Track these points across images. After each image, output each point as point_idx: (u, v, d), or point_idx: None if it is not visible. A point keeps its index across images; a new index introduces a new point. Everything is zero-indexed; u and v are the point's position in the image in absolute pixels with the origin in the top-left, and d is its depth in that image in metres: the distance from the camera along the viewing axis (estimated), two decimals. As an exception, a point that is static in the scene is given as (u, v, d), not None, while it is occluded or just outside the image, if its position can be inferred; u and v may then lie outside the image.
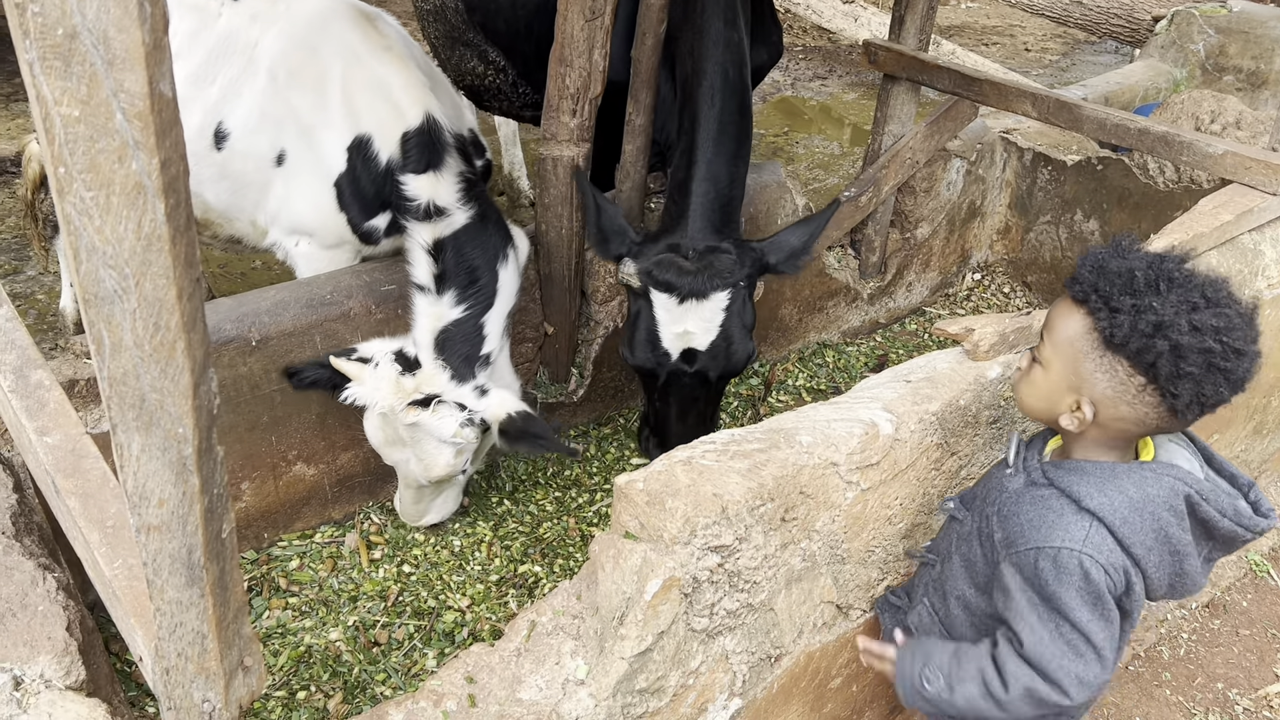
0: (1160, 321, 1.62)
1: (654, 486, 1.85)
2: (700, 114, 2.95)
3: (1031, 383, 1.84)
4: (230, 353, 2.72)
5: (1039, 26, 10.01)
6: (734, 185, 2.99)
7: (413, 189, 2.73)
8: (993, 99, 3.60)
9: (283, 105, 2.88)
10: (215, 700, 1.34)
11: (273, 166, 2.92)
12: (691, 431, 3.06)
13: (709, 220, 2.88)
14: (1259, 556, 3.55)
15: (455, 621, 2.85)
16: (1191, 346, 1.61)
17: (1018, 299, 4.75)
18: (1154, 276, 1.67)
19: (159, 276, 1.03)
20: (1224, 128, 4.22)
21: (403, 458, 2.85)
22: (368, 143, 2.79)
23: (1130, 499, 1.73)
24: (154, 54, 0.93)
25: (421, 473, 2.84)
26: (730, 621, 1.94)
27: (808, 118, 7.39)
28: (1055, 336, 1.79)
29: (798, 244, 2.91)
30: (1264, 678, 3.13)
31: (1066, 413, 1.77)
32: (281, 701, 2.59)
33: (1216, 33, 5.65)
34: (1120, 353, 1.67)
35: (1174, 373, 1.62)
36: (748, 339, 2.89)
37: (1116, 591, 1.74)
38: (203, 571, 1.22)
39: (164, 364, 1.07)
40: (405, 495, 3.04)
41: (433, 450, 2.77)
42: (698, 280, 2.76)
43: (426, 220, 2.73)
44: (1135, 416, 1.71)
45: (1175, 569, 1.78)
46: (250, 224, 3.10)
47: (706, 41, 2.97)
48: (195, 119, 2.93)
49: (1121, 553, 1.73)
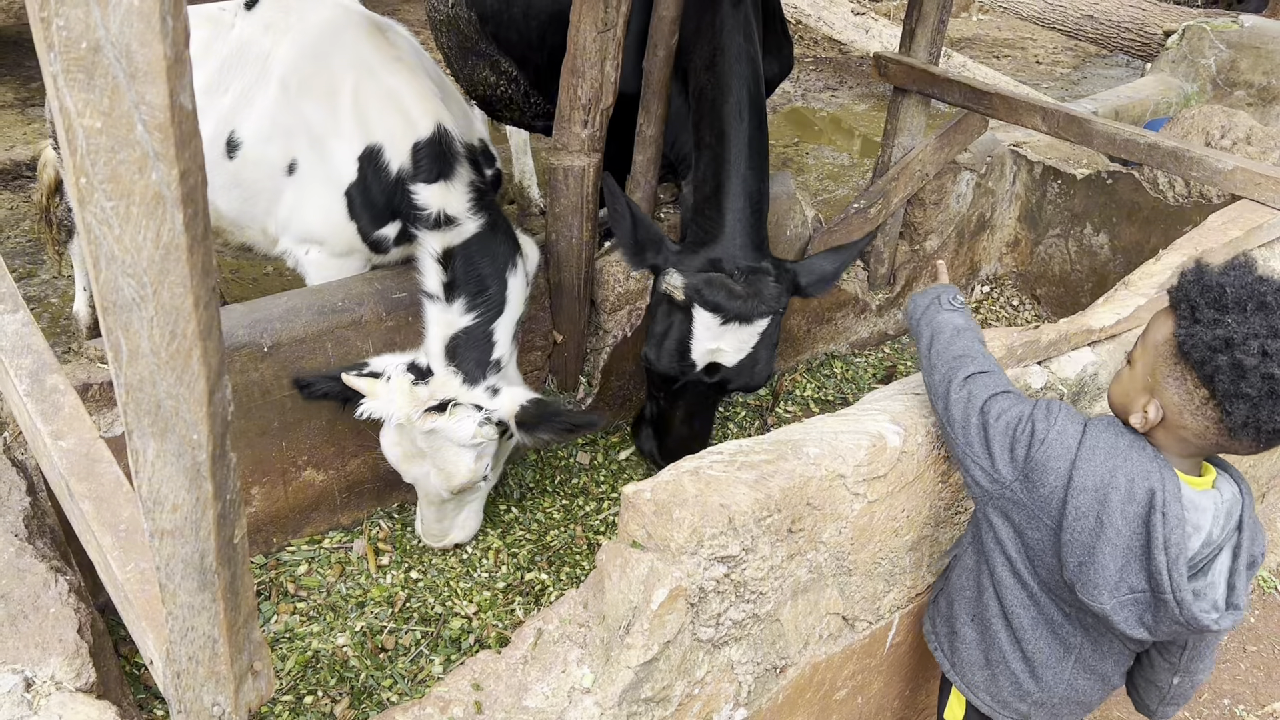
0: (1230, 338, 1.63)
1: (661, 496, 1.86)
2: (729, 129, 2.97)
3: (1120, 379, 1.89)
4: (242, 359, 2.74)
5: (1050, 40, 10.01)
6: (763, 199, 3.04)
7: (423, 198, 2.75)
8: (1002, 113, 3.61)
9: (294, 115, 2.91)
10: (225, 704, 1.35)
11: (284, 175, 2.94)
12: (688, 437, 3.09)
13: (748, 236, 2.92)
14: (1267, 573, 3.54)
15: (462, 628, 2.86)
16: (1255, 369, 1.61)
17: (1026, 312, 4.75)
18: (1244, 296, 1.67)
19: (176, 285, 1.04)
20: (1234, 143, 4.22)
21: (422, 471, 2.85)
22: (379, 153, 2.81)
23: (1116, 444, 1.79)
24: (175, 67, 0.95)
25: (443, 483, 2.83)
26: (736, 632, 1.95)
27: (818, 129, 7.40)
28: (1146, 338, 1.83)
29: (830, 270, 2.98)
30: (1271, 694, 3.12)
31: (1138, 411, 1.80)
32: (289, 706, 2.60)
33: (1228, 48, 5.65)
34: (1188, 362, 1.70)
35: (1231, 391, 1.64)
36: (773, 359, 2.95)
37: (1023, 446, 1.85)
38: (214, 576, 1.24)
39: (180, 371, 1.09)
40: (427, 514, 3.03)
41: (452, 457, 2.78)
42: (746, 305, 2.81)
43: (436, 229, 2.75)
44: (1197, 428, 1.73)
45: (1090, 542, 1.76)
46: (261, 232, 3.12)
47: (728, 57, 3.00)
48: (208, 128, 2.96)
49: (1071, 449, 1.81)
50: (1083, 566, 1.78)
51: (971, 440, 1.93)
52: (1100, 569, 1.76)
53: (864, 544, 2.14)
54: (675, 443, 3.14)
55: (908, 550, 2.27)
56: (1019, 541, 1.93)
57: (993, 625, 2.03)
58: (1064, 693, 2.01)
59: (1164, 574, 1.71)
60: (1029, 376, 2.33)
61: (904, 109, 3.94)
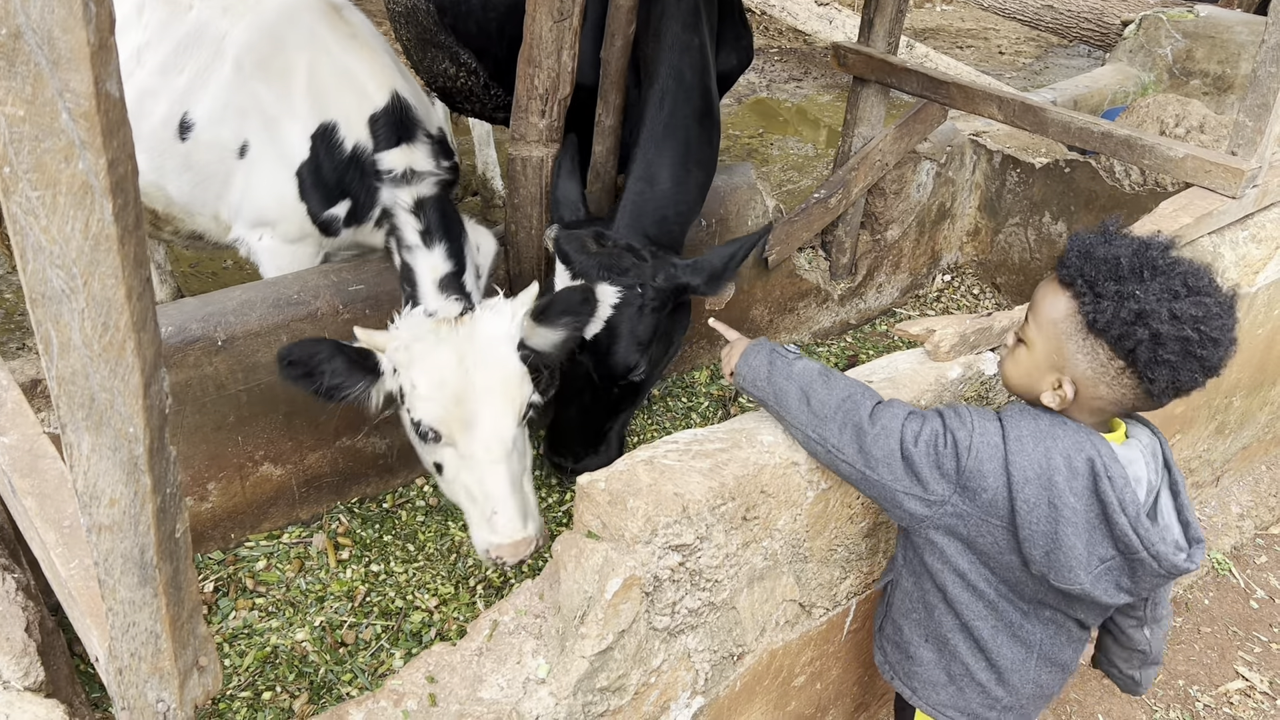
0: (1142, 310, 1.67)
1: (616, 486, 1.86)
2: (646, 115, 2.98)
3: (1016, 360, 1.89)
4: (196, 353, 2.72)
5: (1013, 30, 10.08)
6: (679, 190, 2.98)
7: (388, 162, 2.77)
8: (960, 102, 3.63)
9: (248, 96, 2.89)
10: (170, 700, 1.34)
11: (235, 158, 2.92)
12: (572, 427, 3.07)
13: (637, 220, 2.91)
14: (1220, 555, 3.60)
15: (423, 622, 2.85)
16: (1170, 335, 1.65)
17: (987, 300, 4.79)
18: (1138, 264, 1.71)
19: (108, 276, 1.03)
20: (1188, 131, 4.27)
21: (470, 415, 2.47)
22: (333, 130, 2.81)
23: (1037, 426, 1.80)
24: (100, 54, 0.93)
25: (505, 402, 2.49)
26: (692, 620, 1.96)
27: (783, 119, 7.42)
28: (1040, 317, 1.83)
29: (718, 266, 2.89)
30: (1225, 674, 3.17)
31: (1049, 390, 1.82)
32: (247, 702, 2.58)
33: (1184, 37, 5.71)
34: (1102, 337, 1.72)
35: (1152, 359, 1.67)
36: (634, 350, 2.85)
37: (949, 463, 1.82)
38: (155, 571, 1.23)
39: (113, 364, 1.08)
40: (500, 488, 2.48)
41: (503, 358, 2.51)
42: (591, 263, 2.80)
43: (406, 184, 2.77)
44: (1113, 397, 1.76)
45: (1050, 529, 1.75)
46: (213, 218, 3.09)
47: (662, 45, 3.00)
48: (161, 109, 2.93)
49: (998, 447, 1.80)
50: (1050, 554, 1.77)
51: (898, 474, 1.86)
52: (1068, 551, 1.75)
53: (819, 531, 2.15)
54: (558, 433, 3.12)
55: (864, 537, 2.29)
56: (969, 553, 1.90)
57: (951, 641, 2.00)
58: (1031, 691, 2.01)
59: (1131, 535, 1.72)
60: (981, 363, 2.35)
61: (863, 99, 3.95)
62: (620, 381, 2.94)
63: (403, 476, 3.31)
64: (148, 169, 3.01)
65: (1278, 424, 3.82)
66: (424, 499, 3.28)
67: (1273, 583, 3.53)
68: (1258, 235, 3.04)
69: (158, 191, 3.07)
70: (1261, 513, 3.77)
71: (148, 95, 2.95)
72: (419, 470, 3.32)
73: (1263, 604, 3.44)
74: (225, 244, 3.16)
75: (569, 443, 3.11)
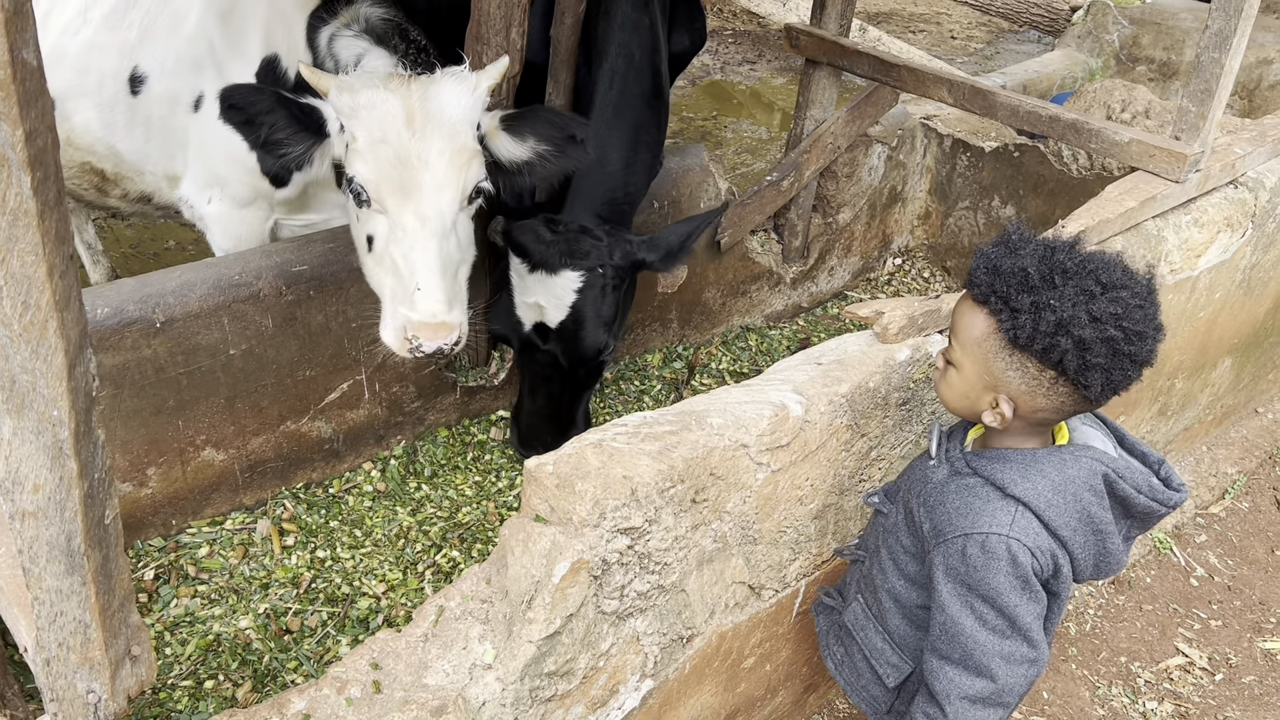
0: (1060, 319, 1.65)
1: (564, 470, 1.84)
2: (596, 95, 2.95)
3: (949, 384, 1.88)
4: (134, 335, 2.65)
5: (965, 15, 10.14)
6: (629, 171, 2.97)
7: (326, 31, 2.67)
8: (910, 85, 3.64)
9: (201, 45, 2.82)
10: (100, 691, 1.30)
11: (189, 112, 2.84)
12: (547, 422, 3.07)
13: (589, 203, 2.88)
14: (1162, 534, 3.66)
15: (370, 608, 2.81)
16: (1094, 338, 1.64)
17: (937, 284, 4.82)
18: (1047, 270, 1.70)
19: (27, 253, 0.99)
20: (1134, 116, 4.32)
21: (409, 181, 2.32)
22: (275, 62, 2.73)
23: (1053, 482, 1.77)
24: (15, 20, 0.89)
25: (447, 176, 2.34)
26: (641, 603, 1.95)
27: (737, 102, 7.41)
28: (962, 338, 1.82)
29: (674, 243, 2.90)
30: (1165, 651, 3.24)
31: (988, 410, 1.81)
32: (188, 691, 2.53)
33: (1130, 24, 5.78)
34: (1027, 351, 1.71)
35: (1082, 365, 1.66)
36: (601, 330, 2.86)
37: (1044, 575, 1.78)
38: (83, 559, 1.19)
39: (35, 344, 1.04)
40: (428, 261, 2.31)
41: (450, 131, 2.35)
42: (549, 251, 2.75)
43: (348, 28, 2.67)
44: (1053, 406, 1.76)
45: (1099, 548, 1.81)
46: (165, 177, 3.01)
47: (612, 24, 2.97)
48: (110, 63, 2.85)
49: (1048, 536, 1.77)
50: (1099, 564, 1.84)
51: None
52: (1113, 551, 1.82)
53: (769, 513, 2.15)
54: (527, 424, 3.12)
55: (813, 518, 2.29)
56: None
57: None
58: None
59: (1153, 504, 1.80)
60: (929, 345, 2.35)
61: (815, 81, 3.95)
62: (590, 363, 2.93)
63: (349, 461, 3.26)
64: (98, 125, 2.93)
65: (1218, 405, 3.90)
66: (371, 484, 3.24)
67: (1212, 561, 3.60)
68: (1200, 219, 3.08)
69: (107, 150, 2.99)
70: (1202, 492, 3.84)
71: (95, 50, 2.86)
72: (366, 455, 3.28)
73: (1202, 582, 3.51)
74: (172, 203, 3.08)
75: (540, 434, 3.09)
